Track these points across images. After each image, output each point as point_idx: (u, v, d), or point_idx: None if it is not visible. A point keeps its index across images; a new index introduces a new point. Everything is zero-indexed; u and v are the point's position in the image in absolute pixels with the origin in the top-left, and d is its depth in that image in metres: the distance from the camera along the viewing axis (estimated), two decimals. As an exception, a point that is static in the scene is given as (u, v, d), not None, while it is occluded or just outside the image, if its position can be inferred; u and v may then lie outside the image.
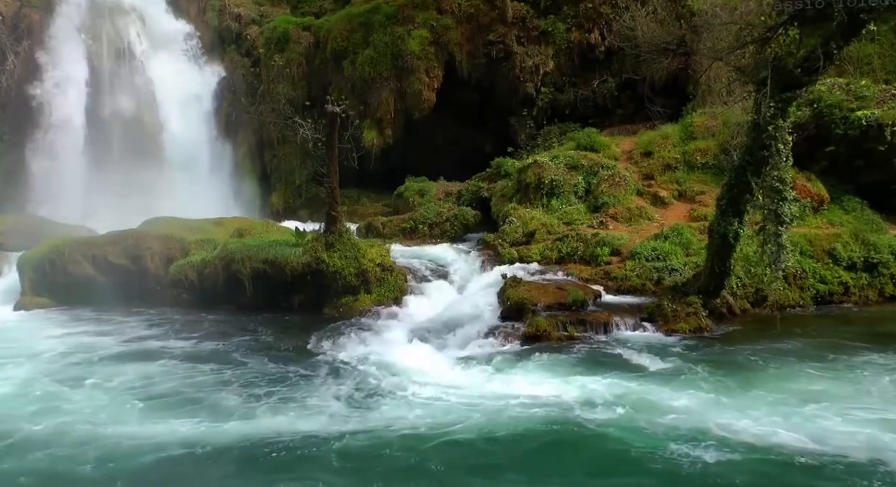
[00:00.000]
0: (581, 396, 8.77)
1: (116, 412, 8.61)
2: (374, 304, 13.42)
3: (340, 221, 14.32)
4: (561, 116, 22.26)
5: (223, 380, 9.80)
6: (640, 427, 7.84)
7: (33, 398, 9.15)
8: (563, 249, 14.62)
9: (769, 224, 11.03)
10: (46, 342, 11.87)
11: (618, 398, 8.68)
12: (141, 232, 15.78)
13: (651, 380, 9.31)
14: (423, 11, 22.65)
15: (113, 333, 12.49)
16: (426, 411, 8.44)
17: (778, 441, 7.38)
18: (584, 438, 7.65)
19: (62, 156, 23.04)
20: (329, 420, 8.25)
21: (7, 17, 23.87)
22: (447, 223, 18.29)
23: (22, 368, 10.38)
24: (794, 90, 10.63)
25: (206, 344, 11.72)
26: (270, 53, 24.39)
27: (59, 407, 8.77)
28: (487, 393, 9.04)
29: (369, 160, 21.98)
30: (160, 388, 9.48)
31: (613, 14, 21.16)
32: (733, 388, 8.99)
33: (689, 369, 9.73)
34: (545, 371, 9.86)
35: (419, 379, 9.60)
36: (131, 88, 23.79)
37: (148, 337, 12.28)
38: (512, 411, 8.36)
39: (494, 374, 9.83)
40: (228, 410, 8.66)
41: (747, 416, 8.02)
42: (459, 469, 7.04)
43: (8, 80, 23.58)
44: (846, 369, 9.64)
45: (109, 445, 7.59)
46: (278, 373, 10.07)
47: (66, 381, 9.76)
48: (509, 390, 9.07)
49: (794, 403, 8.40)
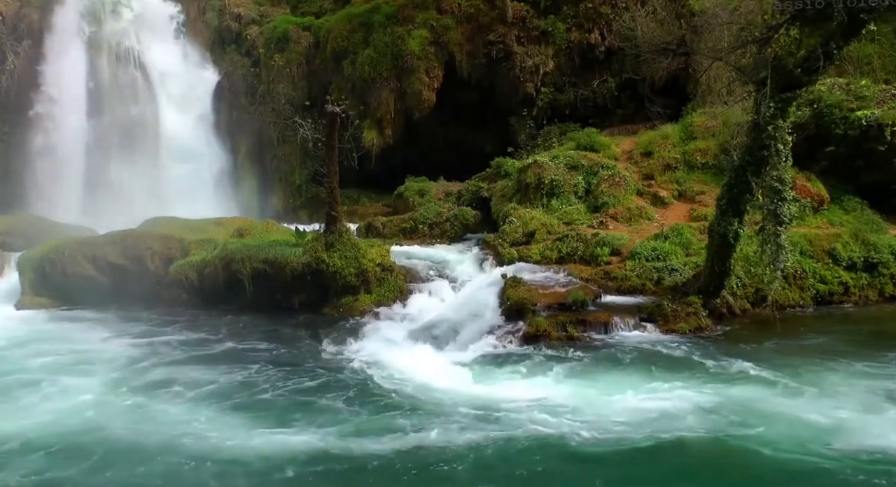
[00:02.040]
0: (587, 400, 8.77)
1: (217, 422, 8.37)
2: (374, 304, 13.42)
3: (340, 221, 14.32)
4: (561, 116, 22.26)
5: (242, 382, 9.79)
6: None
7: (124, 407, 8.95)
8: (563, 249, 14.61)
9: (769, 224, 11.02)
10: (96, 346, 11.68)
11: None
12: (141, 232, 15.77)
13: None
14: (423, 11, 22.64)
15: (144, 335, 12.37)
16: (436, 421, 8.22)
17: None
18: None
19: (62, 155, 23.08)
20: (337, 428, 8.14)
21: (7, 17, 23.88)
22: (447, 223, 18.29)
23: (94, 375, 10.13)
24: (794, 90, 10.62)
25: (219, 345, 11.76)
26: (270, 53, 24.38)
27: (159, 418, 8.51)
28: (488, 396, 9.01)
29: (369, 160, 21.96)
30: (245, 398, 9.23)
31: (613, 14, 21.16)
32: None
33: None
34: (546, 373, 9.86)
35: (421, 381, 9.58)
36: (131, 88, 23.79)
37: (208, 340, 12.07)
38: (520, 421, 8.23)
39: (496, 376, 9.83)
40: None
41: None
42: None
43: (8, 80, 23.58)
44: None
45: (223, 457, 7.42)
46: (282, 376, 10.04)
47: (144, 389, 9.56)
48: (513, 394, 9.00)
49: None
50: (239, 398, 9.16)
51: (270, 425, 8.21)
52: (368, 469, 7.10)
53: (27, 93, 23.39)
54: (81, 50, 23.72)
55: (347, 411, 8.61)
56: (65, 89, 23.37)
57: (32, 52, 23.72)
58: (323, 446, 7.59)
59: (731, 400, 8.57)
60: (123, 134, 23.33)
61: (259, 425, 8.22)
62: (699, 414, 8.18)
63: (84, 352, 11.31)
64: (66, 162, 22.95)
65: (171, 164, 23.42)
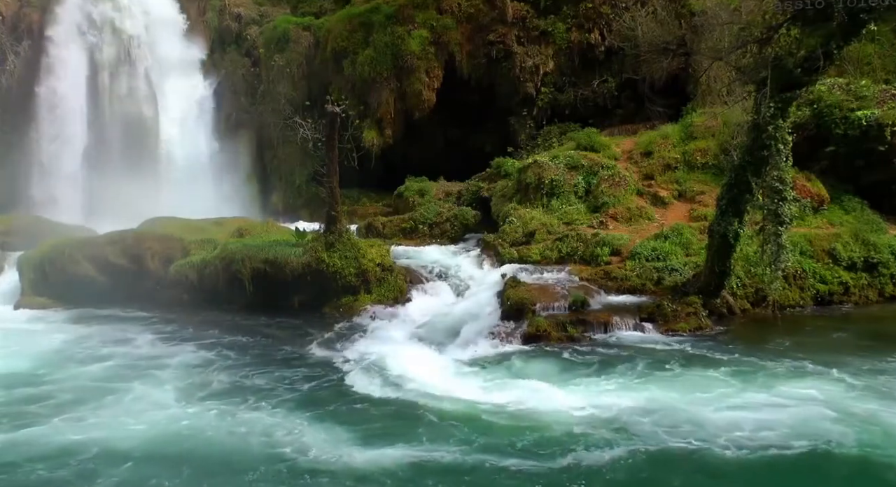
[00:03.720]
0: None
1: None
2: (374, 304, 13.42)
3: (340, 221, 14.33)
4: (561, 116, 22.24)
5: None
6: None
7: (185, 415, 8.73)
8: (563, 249, 14.61)
9: (769, 224, 11.03)
10: (146, 351, 11.54)
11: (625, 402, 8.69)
12: (141, 232, 15.77)
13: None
14: (423, 11, 22.63)
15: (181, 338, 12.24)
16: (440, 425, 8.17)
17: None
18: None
19: (62, 155, 23.07)
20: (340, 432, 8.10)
21: (7, 17, 23.88)
22: (447, 223, 18.29)
23: (154, 379, 10.04)
24: (794, 90, 10.63)
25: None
26: (270, 53, 24.37)
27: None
28: (489, 396, 9.01)
29: (369, 160, 21.95)
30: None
31: (613, 14, 21.14)
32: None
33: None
34: (546, 373, 9.86)
35: (422, 382, 9.57)
36: (131, 88, 23.79)
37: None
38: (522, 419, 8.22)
39: (496, 376, 9.82)
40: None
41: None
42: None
43: (8, 81, 23.58)
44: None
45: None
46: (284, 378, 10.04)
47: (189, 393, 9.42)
48: (513, 394, 8.99)
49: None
50: (239, 398, 9.16)
51: (270, 427, 8.20)
52: (370, 472, 7.06)
53: (27, 93, 23.37)
54: (81, 50, 23.72)
55: (347, 414, 8.60)
56: (65, 89, 23.36)
57: (32, 52, 23.70)
58: (324, 449, 7.56)
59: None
60: (123, 134, 23.33)
61: (259, 425, 8.22)
62: (698, 417, 8.18)
63: (141, 357, 11.11)
64: (66, 162, 22.95)
65: (171, 164, 23.42)
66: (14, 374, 10.22)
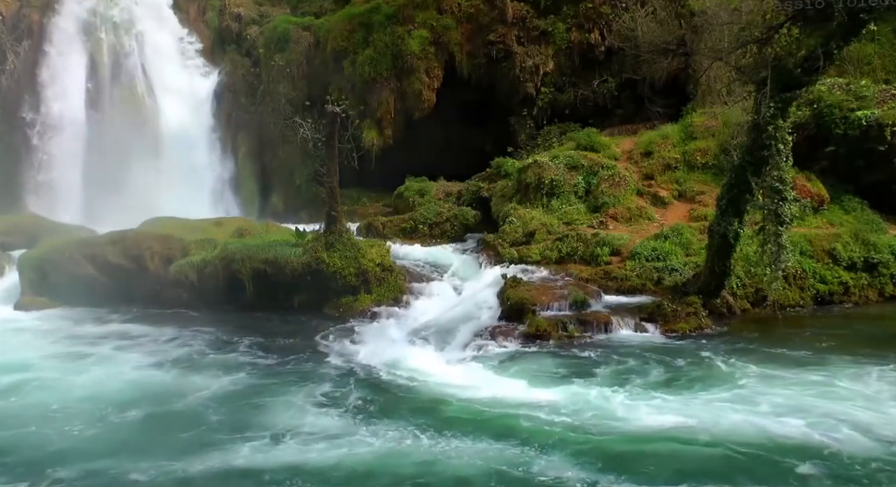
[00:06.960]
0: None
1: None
2: (374, 304, 13.41)
3: (340, 221, 14.33)
4: (561, 116, 22.25)
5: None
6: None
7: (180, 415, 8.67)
8: (563, 249, 14.61)
9: (769, 224, 11.03)
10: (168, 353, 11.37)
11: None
12: (141, 232, 15.75)
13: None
14: (423, 11, 22.63)
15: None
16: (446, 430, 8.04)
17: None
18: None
19: (62, 156, 23.05)
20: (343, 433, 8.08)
21: (7, 17, 23.85)
22: (447, 223, 18.29)
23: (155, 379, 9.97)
24: (794, 90, 10.63)
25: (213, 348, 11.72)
26: (270, 53, 24.37)
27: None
28: (489, 396, 9.00)
29: (369, 160, 21.96)
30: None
31: (613, 14, 21.14)
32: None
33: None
34: (546, 373, 9.86)
35: (422, 382, 9.59)
36: (131, 88, 23.78)
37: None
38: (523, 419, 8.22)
39: (496, 376, 9.82)
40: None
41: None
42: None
43: (8, 80, 23.56)
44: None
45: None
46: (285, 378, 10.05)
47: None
48: (513, 394, 8.99)
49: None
50: (238, 399, 9.16)
51: (269, 428, 8.21)
52: (370, 473, 7.06)
53: (27, 93, 23.36)
54: (81, 50, 23.70)
55: (347, 414, 8.59)
56: (65, 89, 23.35)
57: (32, 52, 23.69)
58: (324, 450, 7.56)
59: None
60: (123, 134, 23.29)
61: (257, 427, 8.22)
62: (698, 416, 8.18)
63: (141, 357, 11.00)
64: (66, 162, 22.92)
65: (171, 165, 23.37)
66: (13, 374, 10.22)
